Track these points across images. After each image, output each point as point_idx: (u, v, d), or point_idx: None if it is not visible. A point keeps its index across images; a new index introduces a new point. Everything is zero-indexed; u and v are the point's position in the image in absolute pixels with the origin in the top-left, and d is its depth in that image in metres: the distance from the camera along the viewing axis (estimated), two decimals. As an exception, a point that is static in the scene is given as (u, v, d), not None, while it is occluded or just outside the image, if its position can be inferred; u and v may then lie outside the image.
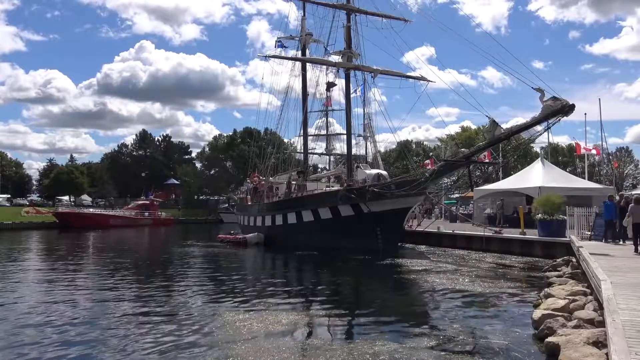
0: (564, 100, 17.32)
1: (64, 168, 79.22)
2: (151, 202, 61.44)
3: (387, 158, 65.08)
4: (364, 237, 23.43)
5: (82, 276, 17.23)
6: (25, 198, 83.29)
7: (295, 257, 22.94)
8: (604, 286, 8.23)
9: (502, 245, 21.88)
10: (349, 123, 29.55)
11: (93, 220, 50.16)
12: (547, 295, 10.78)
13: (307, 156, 36.02)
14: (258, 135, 64.33)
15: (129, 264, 20.89)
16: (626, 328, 5.93)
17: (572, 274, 13.49)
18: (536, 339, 8.25)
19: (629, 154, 75.07)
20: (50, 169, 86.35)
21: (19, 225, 46.68)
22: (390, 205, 23.05)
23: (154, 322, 9.89)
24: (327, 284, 15.90)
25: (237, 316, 10.19)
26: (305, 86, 34.73)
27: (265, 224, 30.63)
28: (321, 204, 25.86)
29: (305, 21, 34.74)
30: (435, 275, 15.96)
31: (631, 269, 11.11)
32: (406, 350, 7.78)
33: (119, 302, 11.98)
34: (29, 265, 20.50)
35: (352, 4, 29.47)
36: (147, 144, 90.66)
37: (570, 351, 6.62)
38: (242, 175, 59.48)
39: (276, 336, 8.69)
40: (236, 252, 25.98)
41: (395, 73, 30.08)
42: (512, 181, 30.19)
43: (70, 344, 8.39)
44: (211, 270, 19.67)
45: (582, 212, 19.71)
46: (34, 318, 10.28)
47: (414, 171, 27.73)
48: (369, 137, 38.62)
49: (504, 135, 19.55)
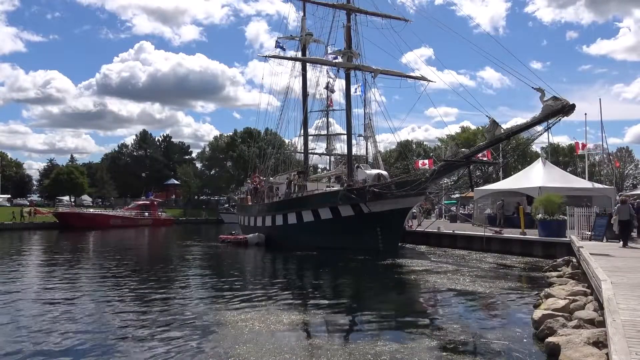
0: (564, 100, 17.31)
1: (64, 168, 79.21)
2: (151, 202, 61.47)
3: (387, 158, 65.09)
4: (364, 237, 23.42)
5: (83, 276, 17.20)
6: (25, 198, 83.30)
7: (295, 257, 22.94)
8: (604, 286, 8.23)
9: (503, 246, 21.87)
10: (349, 123, 29.55)
11: (93, 221, 50.18)
12: (547, 295, 10.77)
13: (307, 156, 36.01)
14: (258, 135, 64.40)
15: (129, 264, 20.88)
16: (626, 328, 5.92)
17: (573, 274, 13.49)
18: (536, 339, 8.25)
19: (629, 154, 75.07)
20: (51, 169, 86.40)
21: (19, 226, 46.70)
22: (390, 205, 23.05)
23: (154, 322, 9.89)
24: (327, 284, 15.91)
25: (239, 316, 10.19)
26: (306, 86, 34.73)
27: (266, 224, 30.63)
28: (321, 204, 25.86)
29: (305, 21, 34.74)
30: (435, 276, 15.96)
31: (631, 269, 11.10)
32: (407, 350, 7.79)
33: (120, 303, 11.97)
34: (29, 266, 20.51)
35: (352, 4, 29.47)
36: (148, 144, 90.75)
37: (571, 351, 6.62)
38: (243, 176, 59.54)
39: (278, 336, 8.70)
40: (237, 252, 25.97)
41: (395, 73, 30.06)
42: (512, 181, 30.18)
43: (70, 344, 8.39)
44: (212, 270, 19.69)
45: (582, 212, 19.70)
46: (32, 319, 10.26)
47: (414, 171, 27.67)
48: (370, 137, 38.68)
49: (504, 135, 19.53)
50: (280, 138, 42.95)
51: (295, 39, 35.73)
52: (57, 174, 75.38)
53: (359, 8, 29.29)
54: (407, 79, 29.93)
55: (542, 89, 17.71)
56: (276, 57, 33.91)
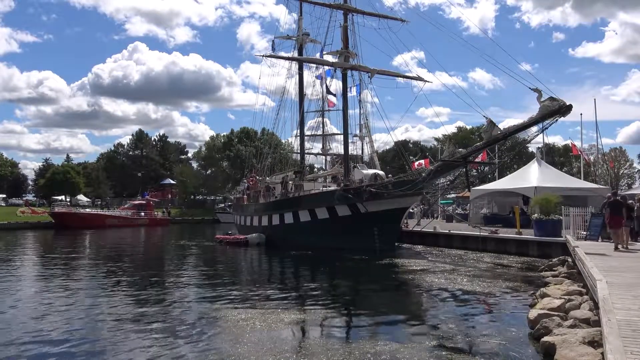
0: (561, 100, 17.39)
1: (59, 168, 78.71)
2: (147, 202, 61.30)
3: (382, 158, 65.12)
4: (361, 237, 23.43)
5: (79, 277, 17.17)
6: (20, 198, 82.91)
7: (292, 257, 22.93)
8: (600, 286, 8.27)
9: (499, 245, 21.95)
10: (346, 123, 29.59)
11: (89, 221, 49.98)
12: (543, 295, 10.82)
13: (303, 156, 36.01)
14: (255, 135, 64.35)
15: (126, 265, 20.84)
16: (622, 327, 5.97)
17: (568, 274, 13.57)
18: (532, 339, 8.30)
19: (623, 154, 75.31)
20: (46, 169, 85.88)
21: (15, 225, 46.50)
22: (387, 205, 23.08)
23: (154, 322, 9.90)
24: (325, 284, 15.94)
25: (239, 315, 10.24)
26: (302, 86, 34.74)
27: (262, 224, 30.60)
28: (318, 204, 25.87)
29: (302, 21, 34.75)
30: (432, 275, 16.02)
31: (627, 268, 11.17)
32: (404, 350, 7.83)
33: (118, 303, 11.95)
34: (24, 266, 20.41)
35: (349, 4, 29.49)
36: (144, 143, 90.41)
37: (566, 351, 6.66)
38: (239, 175, 59.42)
39: (278, 336, 8.74)
40: (237, 252, 25.89)
41: (392, 73, 30.14)
42: (508, 181, 30.27)
43: (68, 345, 8.37)
44: (212, 270, 19.66)
45: (577, 212, 19.79)
46: (29, 320, 10.25)
47: (411, 171, 27.70)
48: (366, 137, 38.68)
49: (501, 136, 19.61)
50: (277, 138, 42.96)
51: (292, 39, 35.73)
52: (53, 174, 74.95)
53: (355, 8, 29.33)
54: (403, 79, 30.05)
55: (539, 89, 17.80)
56: (274, 56, 33.93)
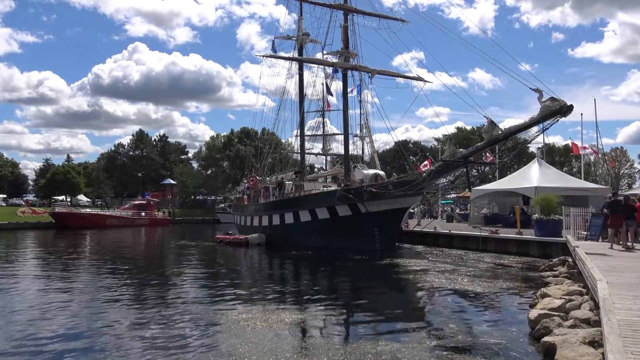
0: (562, 100, 17.39)
1: (60, 168, 78.73)
2: (148, 202, 61.33)
3: (382, 158, 65.15)
4: (361, 237, 23.44)
5: (79, 277, 17.19)
6: (21, 198, 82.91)
7: (292, 257, 22.93)
8: (600, 286, 8.28)
9: (499, 245, 21.95)
10: (347, 123, 29.58)
11: (89, 221, 50.01)
12: (543, 295, 10.82)
13: (303, 156, 36.02)
14: (255, 135, 64.34)
15: (127, 265, 20.85)
16: (622, 327, 5.96)
17: (568, 274, 13.56)
18: (532, 339, 8.30)
19: (624, 154, 75.23)
20: (47, 169, 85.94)
21: (15, 226, 46.50)
22: (387, 205, 23.08)
23: (155, 322, 9.90)
24: (325, 284, 15.96)
25: (240, 315, 10.25)
26: (302, 86, 34.73)
27: (262, 224, 30.59)
28: (319, 204, 25.87)
29: (302, 21, 34.75)
30: (432, 275, 16.02)
31: (627, 268, 11.17)
32: (405, 349, 7.83)
33: (120, 303, 11.97)
34: (24, 266, 20.43)
35: (349, 4, 29.49)
36: (144, 144, 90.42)
37: (567, 351, 6.66)
38: (239, 175, 59.44)
39: (279, 336, 8.75)
40: (237, 252, 25.89)
41: (392, 73, 30.14)
42: (508, 181, 30.27)
43: (68, 345, 8.38)
44: (212, 270, 19.69)
45: (578, 212, 19.78)
46: (29, 320, 10.23)
47: (411, 171, 27.73)
48: (366, 137, 38.70)
49: (502, 136, 19.60)
50: (277, 138, 42.96)
51: (292, 39, 35.71)
52: (53, 174, 74.97)
53: (356, 8, 29.33)
54: (403, 79, 30.05)
55: (540, 89, 17.79)
56: (274, 56, 33.91)
